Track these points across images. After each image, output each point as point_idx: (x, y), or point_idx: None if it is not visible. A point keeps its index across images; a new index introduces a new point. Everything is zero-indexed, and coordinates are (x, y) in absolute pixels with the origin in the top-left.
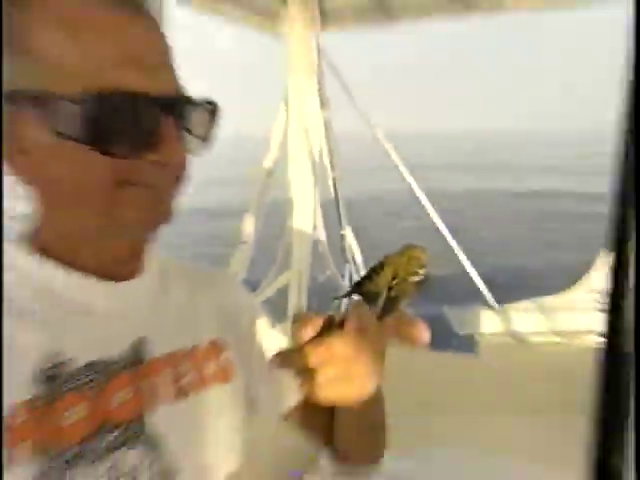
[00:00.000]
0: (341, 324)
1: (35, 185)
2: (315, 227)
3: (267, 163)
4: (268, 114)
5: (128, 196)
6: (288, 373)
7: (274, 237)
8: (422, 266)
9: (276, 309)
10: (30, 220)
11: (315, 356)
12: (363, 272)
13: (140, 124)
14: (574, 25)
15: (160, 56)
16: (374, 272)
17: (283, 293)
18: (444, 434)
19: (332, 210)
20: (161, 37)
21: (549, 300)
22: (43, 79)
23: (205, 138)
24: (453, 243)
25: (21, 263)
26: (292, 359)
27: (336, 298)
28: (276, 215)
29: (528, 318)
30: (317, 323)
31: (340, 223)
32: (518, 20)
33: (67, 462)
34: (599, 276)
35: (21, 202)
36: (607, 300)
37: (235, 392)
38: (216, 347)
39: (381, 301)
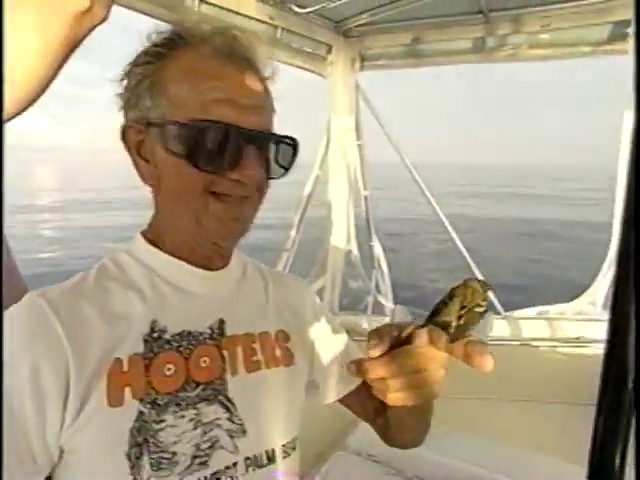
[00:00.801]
0: (407, 339)
1: (152, 188)
2: (348, 239)
3: (307, 189)
4: (312, 142)
5: (213, 208)
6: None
7: (312, 246)
8: (484, 298)
9: None
10: (151, 217)
11: (389, 368)
12: (388, 278)
13: (226, 148)
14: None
15: (253, 99)
16: (444, 304)
17: (319, 294)
18: (454, 419)
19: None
20: (258, 84)
21: (552, 310)
22: (169, 112)
23: (283, 166)
24: (469, 259)
25: (138, 250)
26: (370, 368)
27: (417, 328)
28: (314, 228)
29: (533, 325)
30: (391, 337)
31: (370, 235)
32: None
33: (160, 406)
34: (598, 291)
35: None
36: (611, 309)
37: (295, 375)
38: (282, 336)
39: (452, 329)
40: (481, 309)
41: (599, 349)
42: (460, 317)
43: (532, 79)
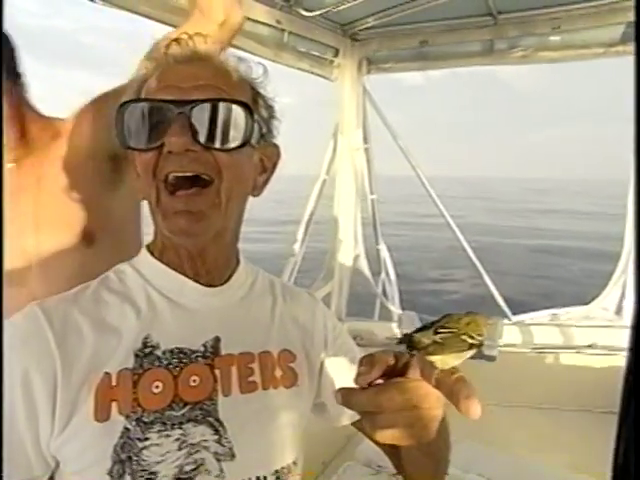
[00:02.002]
0: (404, 368)
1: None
2: (356, 243)
3: (314, 193)
4: (320, 147)
5: (164, 201)
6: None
7: (320, 252)
8: (480, 334)
9: None
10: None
11: (376, 402)
12: (395, 283)
13: (152, 122)
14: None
15: (196, 81)
16: (430, 324)
17: (326, 300)
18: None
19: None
20: (206, 71)
21: (563, 313)
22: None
23: (223, 133)
24: (478, 264)
25: (140, 261)
26: (355, 400)
27: (387, 347)
28: (322, 233)
29: (543, 331)
30: (383, 367)
31: (376, 240)
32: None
33: (145, 424)
34: (610, 296)
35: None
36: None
37: (298, 397)
38: (286, 356)
39: (424, 344)
40: (471, 340)
41: (612, 355)
42: (438, 334)
43: (542, 91)
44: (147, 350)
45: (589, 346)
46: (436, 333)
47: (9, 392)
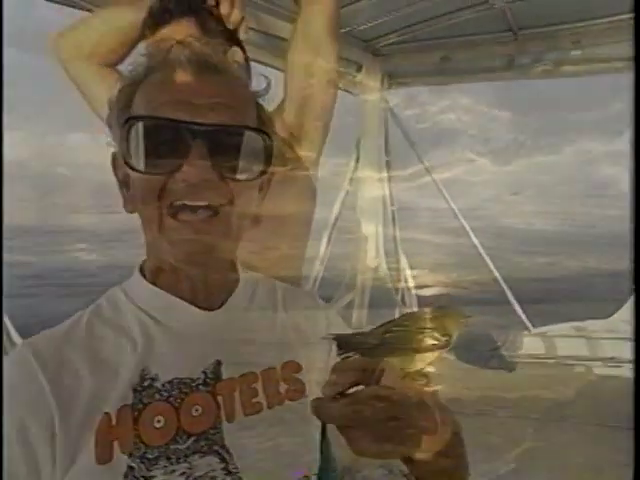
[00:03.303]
0: (380, 375)
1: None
2: (377, 253)
3: (337, 204)
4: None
5: (167, 225)
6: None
7: (342, 261)
8: (445, 333)
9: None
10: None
11: (346, 414)
12: (414, 292)
13: (166, 145)
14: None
15: (210, 98)
16: (385, 323)
17: (348, 307)
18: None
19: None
20: (219, 85)
21: (585, 328)
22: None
23: (242, 162)
24: (495, 272)
25: (132, 285)
26: (325, 411)
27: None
28: (345, 240)
29: (564, 342)
30: (354, 374)
31: (396, 249)
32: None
33: (149, 461)
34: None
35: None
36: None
37: (307, 407)
38: (291, 367)
39: (369, 345)
40: (432, 340)
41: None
42: (387, 333)
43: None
44: (145, 384)
45: (611, 359)
46: (387, 333)
47: (6, 441)
